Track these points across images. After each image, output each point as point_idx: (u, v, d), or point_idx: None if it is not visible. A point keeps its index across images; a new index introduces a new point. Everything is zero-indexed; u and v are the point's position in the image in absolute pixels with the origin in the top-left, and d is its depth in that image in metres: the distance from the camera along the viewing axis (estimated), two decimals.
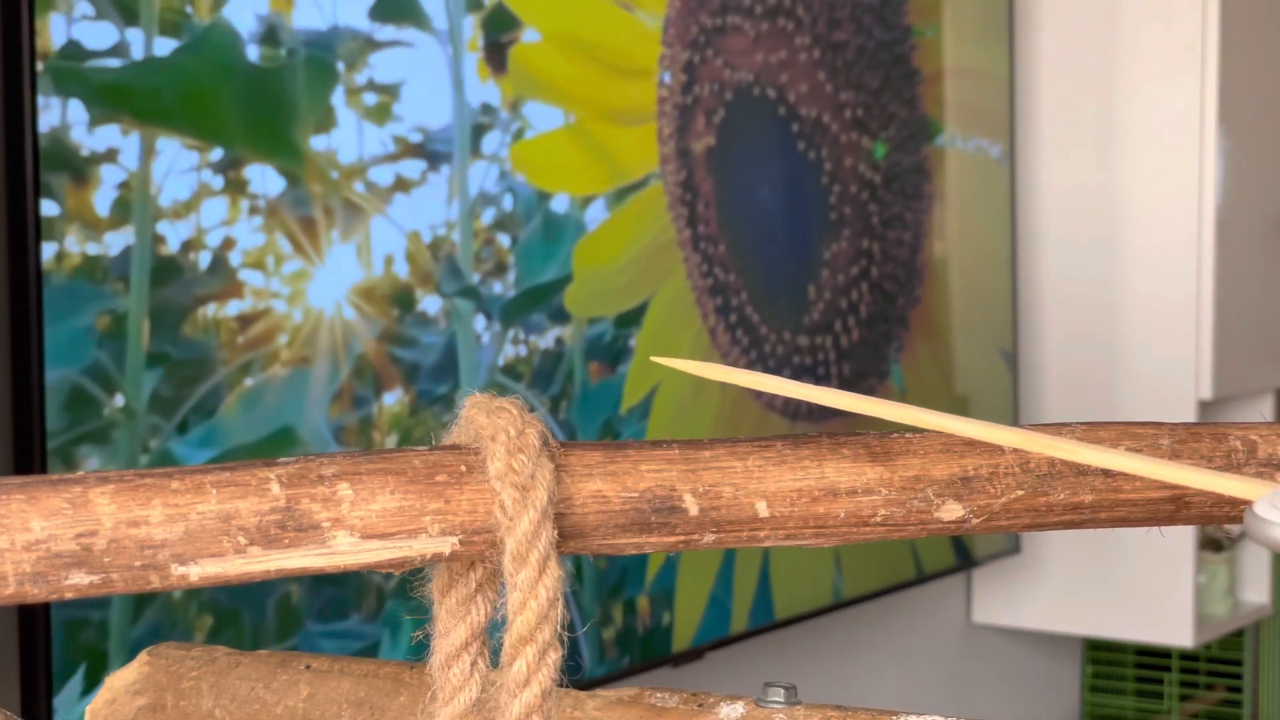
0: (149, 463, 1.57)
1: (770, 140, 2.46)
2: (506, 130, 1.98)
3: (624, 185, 2.19)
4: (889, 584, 2.71)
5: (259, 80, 1.67)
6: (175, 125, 1.59)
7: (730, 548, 0.67)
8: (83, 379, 1.53)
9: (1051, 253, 3.10)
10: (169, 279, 1.59)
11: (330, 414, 1.75)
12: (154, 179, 1.57)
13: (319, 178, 1.73)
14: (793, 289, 2.50)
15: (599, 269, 2.15)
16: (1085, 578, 3.09)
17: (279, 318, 1.69)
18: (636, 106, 2.21)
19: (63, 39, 1.49)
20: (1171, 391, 2.99)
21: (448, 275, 1.90)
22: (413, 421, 1.84)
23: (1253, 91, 3.07)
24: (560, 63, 2.08)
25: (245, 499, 0.59)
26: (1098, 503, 0.71)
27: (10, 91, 1.48)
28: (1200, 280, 2.97)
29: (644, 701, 0.80)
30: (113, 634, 1.56)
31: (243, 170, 1.65)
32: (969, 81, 2.92)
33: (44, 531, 0.56)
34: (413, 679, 0.85)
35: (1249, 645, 3.53)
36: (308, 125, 1.72)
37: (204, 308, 1.62)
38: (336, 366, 1.76)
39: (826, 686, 2.72)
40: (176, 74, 1.58)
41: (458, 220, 1.91)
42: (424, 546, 0.61)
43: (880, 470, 0.68)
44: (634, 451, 0.66)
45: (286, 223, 1.70)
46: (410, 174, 1.85)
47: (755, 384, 0.67)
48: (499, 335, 1.97)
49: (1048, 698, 3.43)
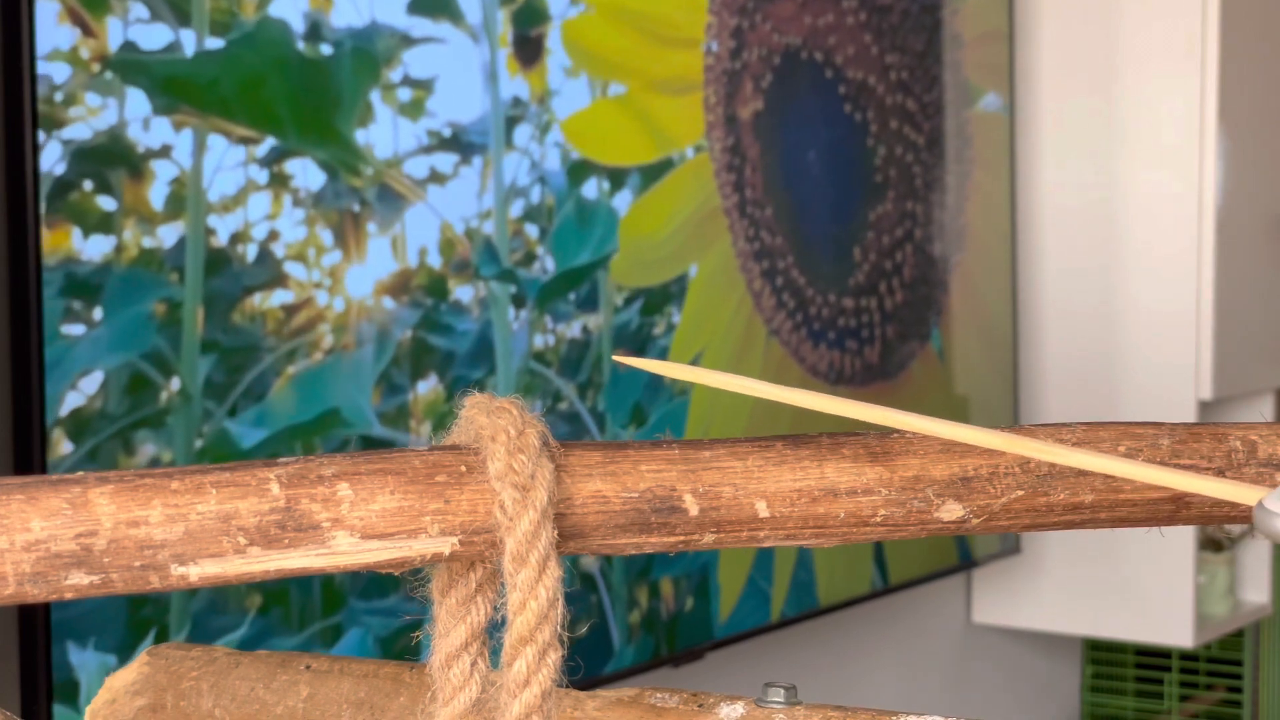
0: (205, 445, 1.65)
1: (817, 104, 2.50)
2: (537, 124, 2.02)
3: (670, 154, 2.24)
4: (936, 569, 2.74)
5: (306, 73, 1.73)
6: (230, 115, 1.64)
7: (730, 548, 0.67)
8: (142, 363, 1.58)
9: (1051, 253, 3.10)
10: (219, 270, 1.66)
11: (373, 399, 1.82)
12: (205, 174, 1.63)
13: (357, 171, 1.78)
14: (838, 252, 2.55)
15: (644, 238, 2.19)
16: (1085, 578, 3.09)
17: (320, 308, 1.76)
18: (683, 75, 2.25)
19: (119, 40, 1.55)
20: (1171, 392, 2.99)
21: (485, 259, 1.96)
22: (446, 409, 1.90)
23: (1253, 91, 3.07)
24: (611, 34, 2.14)
25: (245, 499, 0.59)
26: (1098, 503, 0.71)
27: (10, 91, 1.48)
28: (1200, 280, 2.97)
29: (644, 701, 0.80)
30: (172, 608, 1.62)
31: (285, 164, 1.71)
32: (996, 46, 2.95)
33: (44, 531, 0.56)
34: (413, 679, 0.85)
35: (1249, 645, 3.53)
36: (350, 120, 1.78)
37: (251, 297, 1.69)
38: (376, 352, 1.82)
39: (826, 686, 2.72)
40: (231, 65, 1.65)
41: (493, 209, 1.96)
42: (424, 546, 0.61)
43: (880, 470, 0.68)
44: (634, 452, 0.66)
45: (328, 215, 1.76)
46: (443, 168, 1.90)
47: (722, 384, 0.67)
48: (532, 323, 2.00)
49: (1047, 698, 3.43)
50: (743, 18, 2.35)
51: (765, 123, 2.40)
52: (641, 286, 2.19)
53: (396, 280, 1.84)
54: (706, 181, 2.30)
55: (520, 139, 2.00)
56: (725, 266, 2.34)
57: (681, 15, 2.26)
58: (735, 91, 2.34)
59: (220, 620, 1.67)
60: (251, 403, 1.69)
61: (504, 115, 1.97)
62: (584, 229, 2.10)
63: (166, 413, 1.61)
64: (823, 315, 2.51)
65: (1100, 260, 3.06)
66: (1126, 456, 0.64)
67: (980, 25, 2.89)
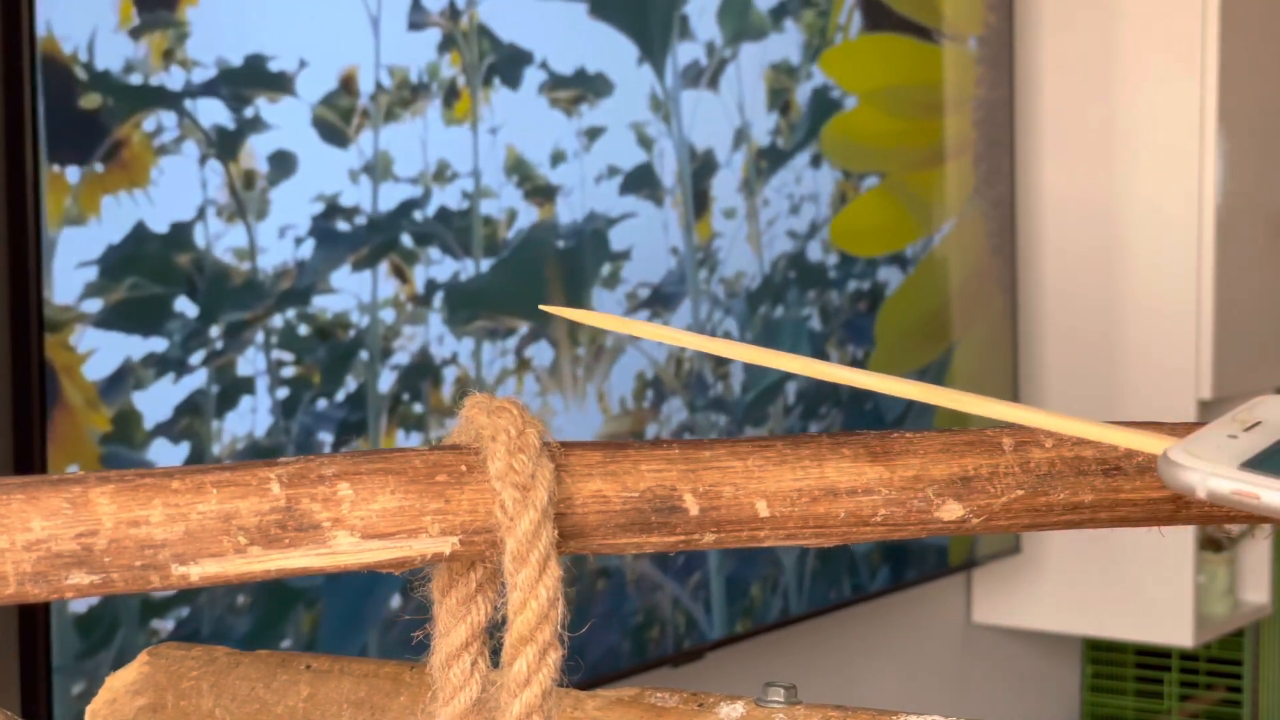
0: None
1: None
2: (712, 270, 2.30)
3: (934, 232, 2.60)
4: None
5: (547, 268, 2.07)
6: (502, 310, 2.00)
7: (730, 547, 0.67)
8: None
9: (1051, 253, 3.09)
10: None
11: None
12: (483, 371, 1.98)
13: (574, 339, 2.09)
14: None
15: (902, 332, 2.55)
16: (1085, 578, 3.09)
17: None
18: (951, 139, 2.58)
19: (423, 280, 1.91)
20: (1171, 391, 2.99)
21: (697, 390, 2.26)
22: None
23: (1253, 92, 3.07)
24: (877, 121, 2.45)
25: (245, 499, 0.59)
26: (1098, 502, 0.71)
27: (10, 91, 1.49)
28: (1200, 280, 2.97)
29: (644, 701, 0.80)
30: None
31: (525, 350, 2.04)
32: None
33: (44, 531, 0.56)
34: (413, 679, 0.85)
35: (1249, 645, 3.53)
36: (576, 300, 2.09)
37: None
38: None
39: (826, 686, 2.72)
40: (498, 276, 2.00)
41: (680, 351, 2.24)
42: (424, 546, 0.61)
43: (880, 470, 0.68)
44: (634, 451, 0.66)
45: (555, 381, 2.09)
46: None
47: (653, 335, 0.67)
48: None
49: (1047, 698, 3.43)
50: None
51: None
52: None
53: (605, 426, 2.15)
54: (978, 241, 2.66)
55: (701, 280, 2.26)
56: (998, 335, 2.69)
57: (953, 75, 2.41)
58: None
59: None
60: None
61: (691, 262, 2.25)
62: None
63: None
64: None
65: (1100, 260, 3.06)
66: (1051, 412, 0.64)
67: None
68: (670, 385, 2.20)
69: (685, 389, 2.22)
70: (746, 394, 2.33)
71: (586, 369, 2.09)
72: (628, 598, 2.16)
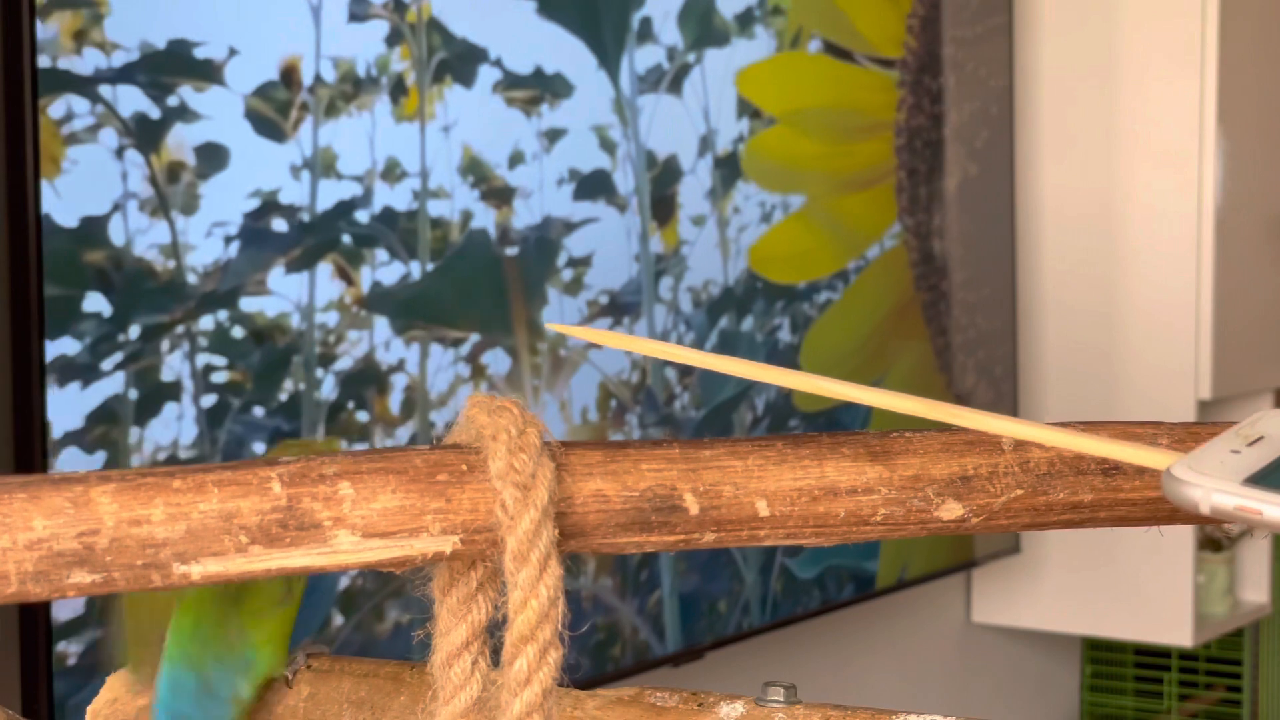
0: None
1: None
2: (677, 277, 2.24)
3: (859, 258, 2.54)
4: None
5: (503, 273, 2.00)
6: (448, 322, 1.92)
7: (730, 547, 0.67)
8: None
9: (1051, 253, 3.10)
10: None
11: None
12: (433, 379, 1.89)
13: (532, 348, 2.03)
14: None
15: (830, 353, 2.43)
16: (1085, 577, 3.09)
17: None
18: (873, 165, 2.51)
19: (369, 282, 1.82)
20: (1171, 391, 2.99)
21: (647, 407, 2.19)
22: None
23: (1253, 91, 3.07)
24: (796, 143, 2.38)
25: (247, 498, 0.59)
26: (1097, 502, 0.71)
27: (11, 90, 1.48)
28: (1200, 280, 2.97)
29: (644, 701, 0.80)
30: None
31: (481, 358, 1.96)
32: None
33: (46, 530, 0.56)
34: (413, 679, 0.85)
35: (1248, 645, 3.53)
36: (534, 307, 2.02)
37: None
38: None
39: (826, 686, 2.72)
40: (447, 280, 1.91)
41: (643, 360, 2.18)
42: (425, 545, 0.61)
43: (880, 469, 0.68)
44: (634, 451, 0.66)
45: (514, 390, 2.02)
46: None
47: (663, 354, 0.67)
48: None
49: (1047, 697, 3.43)
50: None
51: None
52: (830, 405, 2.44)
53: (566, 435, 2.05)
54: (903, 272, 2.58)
55: (664, 289, 2.21)
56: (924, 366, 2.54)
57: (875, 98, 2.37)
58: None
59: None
60: None
61: (651, 272, 2.20)
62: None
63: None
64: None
65: (1100, 260, 3.06)
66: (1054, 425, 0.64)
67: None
68: (625, 400, 2.15)
69: (637, 404, 2.18)
70: (700, 410, 2.27)
71: (546, 379, 2.04)
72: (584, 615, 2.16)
